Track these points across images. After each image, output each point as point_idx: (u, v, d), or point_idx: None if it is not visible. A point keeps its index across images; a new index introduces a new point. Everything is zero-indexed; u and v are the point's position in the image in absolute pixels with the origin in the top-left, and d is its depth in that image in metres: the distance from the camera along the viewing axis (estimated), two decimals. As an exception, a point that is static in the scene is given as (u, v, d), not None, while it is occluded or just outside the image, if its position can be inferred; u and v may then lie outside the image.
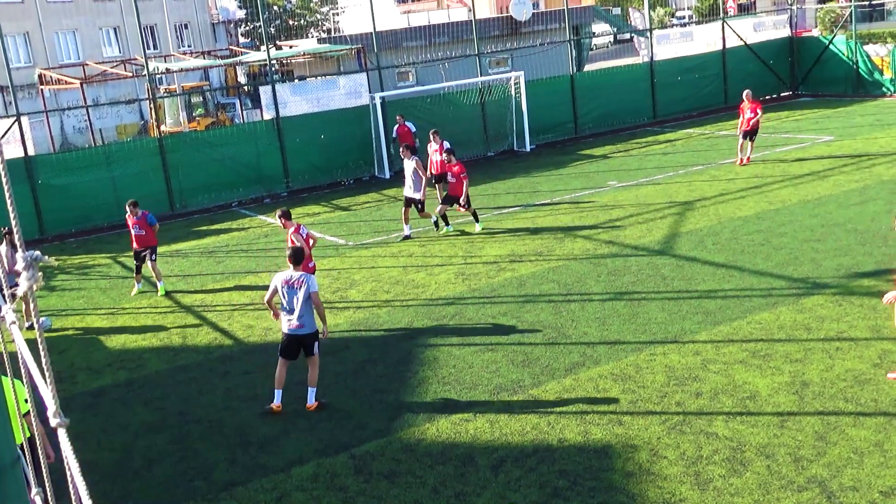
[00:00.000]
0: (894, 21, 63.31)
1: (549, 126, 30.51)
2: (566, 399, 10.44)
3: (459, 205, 18.70)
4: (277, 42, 39.54)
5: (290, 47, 36.53)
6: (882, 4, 65.86)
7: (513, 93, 29.39)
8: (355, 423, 10.43)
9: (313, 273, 12.76)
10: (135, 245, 16.72)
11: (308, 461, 9.61)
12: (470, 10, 33.21)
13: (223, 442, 10.34)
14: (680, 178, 22.50)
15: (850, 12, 34.53)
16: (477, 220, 19.02)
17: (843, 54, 33.97)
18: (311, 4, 75.75)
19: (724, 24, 34.34)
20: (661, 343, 11.84)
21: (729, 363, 10.96)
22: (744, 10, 65.55)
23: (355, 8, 56.62)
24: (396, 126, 25.43)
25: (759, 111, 22.66)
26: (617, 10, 54.81)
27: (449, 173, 18.92)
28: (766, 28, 36.14)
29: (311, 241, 13.81)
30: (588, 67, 38.60)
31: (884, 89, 33.15)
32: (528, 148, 29.40)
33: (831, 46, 34.28)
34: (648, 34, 34.11)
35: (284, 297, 10.74)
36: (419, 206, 18.76)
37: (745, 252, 15.54)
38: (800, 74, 35.62)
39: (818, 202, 18.42)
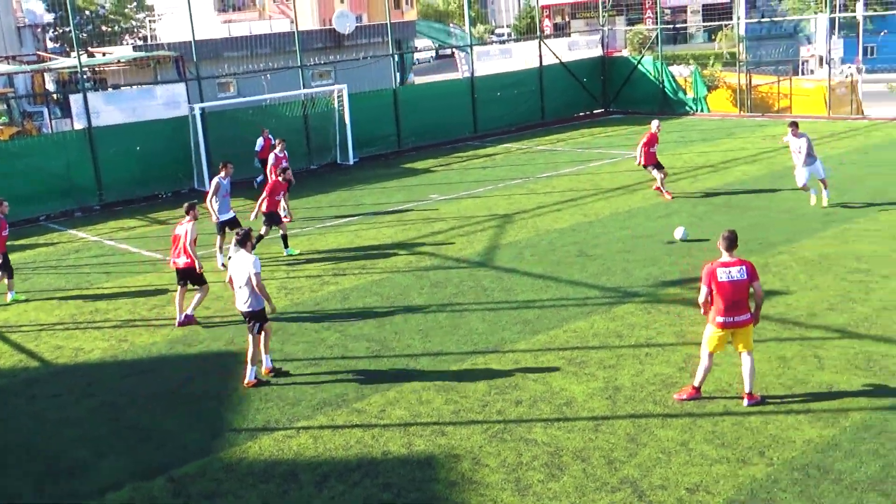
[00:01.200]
0: (696, 44, 67.58)
1: (372, 139, 30.61)
2: (390, 411, 10.48)
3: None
4: (89, 48, 37.88)
5: (104, 54, 35.09)
6: (685, 28, 70.07)
7: (336, 105, 29.34)
8: (174, 444, 10.09)
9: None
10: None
11: (123, 486, 9.20)
12: (292, 22, 32.93)
13: (31, 469, 9.76)
14: (500, 191, 23.09)
15: (657, 34, 36.53)
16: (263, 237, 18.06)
17: (651, 74, 35.95)
18: (126, 10, 72.94)
19: (541, 43, 35.58)
20: (483, 353, 12.09)
21: (547, 371, 11.32)
22: (559, 29, 68.18)
23: (173, 15, 54.98)
24: (262, 140, 24.94)
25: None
26: (439, 26, 55.67)
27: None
28: (579, 47, 37.76)
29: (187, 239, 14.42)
30: (417, 81, 39.01)
31: (687, 108, 35.27)
32: (351, 161, 29.38)
33: (640, 66, 36.21)
34: (469, 50, 34.86)
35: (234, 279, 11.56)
36: (231, 225, 17.40)
37: (562, 263, 16.11)
38: (611, 92, 37.37)
39: (628, 215, 19.34)
